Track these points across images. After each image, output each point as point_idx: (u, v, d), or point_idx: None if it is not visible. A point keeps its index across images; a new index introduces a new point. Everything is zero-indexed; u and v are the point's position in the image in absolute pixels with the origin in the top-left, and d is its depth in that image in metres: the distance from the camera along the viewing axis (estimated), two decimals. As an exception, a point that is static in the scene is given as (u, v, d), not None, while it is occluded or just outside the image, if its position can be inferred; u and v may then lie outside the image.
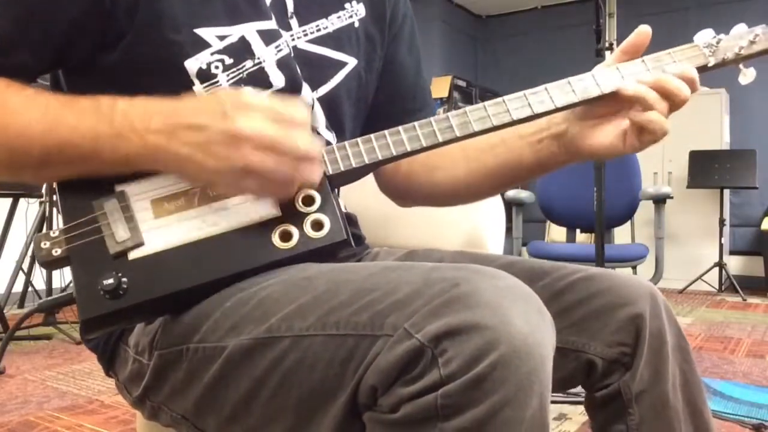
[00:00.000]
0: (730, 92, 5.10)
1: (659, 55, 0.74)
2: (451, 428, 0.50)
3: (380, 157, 0.69)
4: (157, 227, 0.64)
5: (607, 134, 0.74)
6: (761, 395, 2.17)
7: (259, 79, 0.73)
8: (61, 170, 0.65)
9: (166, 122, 0.62)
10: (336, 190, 0.86)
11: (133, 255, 0.63)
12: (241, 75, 0.72)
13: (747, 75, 0.76)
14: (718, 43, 0.75)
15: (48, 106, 0.64)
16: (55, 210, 3.07)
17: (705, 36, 0.75)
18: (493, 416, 0.49)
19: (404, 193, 0.95)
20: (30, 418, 1.94)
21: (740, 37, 0.75)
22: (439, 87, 5.54)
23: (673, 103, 0.71)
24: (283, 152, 0.60)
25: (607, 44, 2.26)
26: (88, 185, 0.66)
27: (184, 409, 0.69)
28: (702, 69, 0.75)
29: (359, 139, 0.70)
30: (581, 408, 2.01)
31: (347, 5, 0.84)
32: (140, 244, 0.64)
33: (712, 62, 0.74)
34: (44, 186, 3.06)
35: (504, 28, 6.56)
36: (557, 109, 0.72)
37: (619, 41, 0.77)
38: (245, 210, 0.65)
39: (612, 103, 0.74)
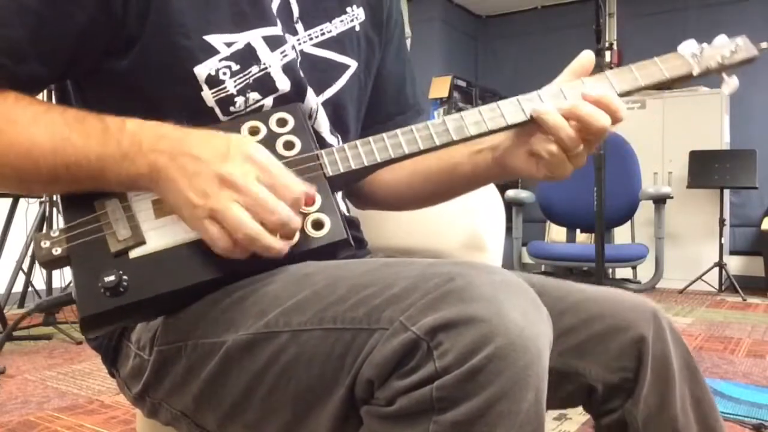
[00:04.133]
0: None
1: (645, 64, 0.75)
2: (446, 421, 0.50)
3: (378, 160, 0.70)
4: (158, 227, 0.65)
5: (524, 157, 0.74)
6: (761, 395, 2.17)
7: (265, 84, 0.73)
8: (69, 187, 0.66)
9: (172, 146, 0.62)
10: (337, 192, 0.86)
11: (134, 253, 0.63)
12: (247, 80, 0.73)
13: (729, 84, 0.78)
14: (701, 52, 0.77)
15: (56, 125, 0.65)
16: (55, 210, 3.07)
17: (689, 46, 0.77)
18: (488, 409, 0.49)
19: (358, 192, 0.96)
20: (30, 418, 1.94)
21: (722, 47, 0.77)
22: (439, 87, 5.54)
23: (588, 132, 0.68)
24: (262, 209, 0.60)
25: (607, 44, 2.26)
26: None
27: (183, 406, 0.69)
28: (687, 77, 0.76)
29: (357, 142, 0.70)
30: (581, 408, 2.01)
31: (348, 9, 0.85)
32: (141, 243, 0.64)
33: (696, 71, 0.76)
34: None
35: (504, 28, 6.56)
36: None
37: (619, 41, 0.78)
38: None
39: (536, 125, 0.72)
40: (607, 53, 2.23)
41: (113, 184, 0.64)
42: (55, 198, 3.06)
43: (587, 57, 0.75)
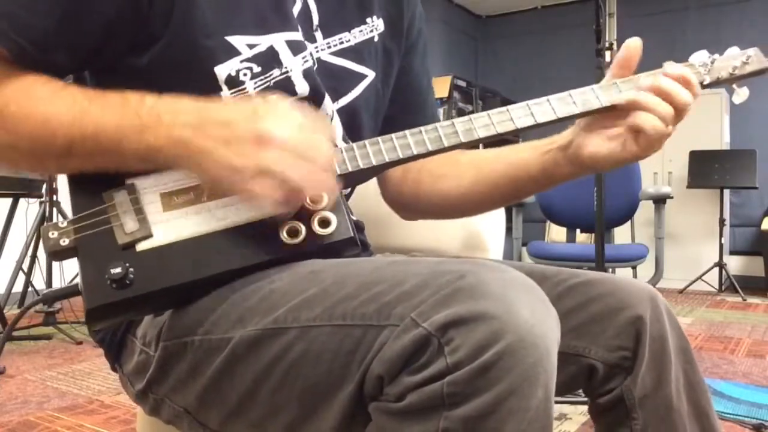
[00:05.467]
0: (730, 92, 5.10)
1: (656, 72, 0.75)
2: (456, 417, 0.50)
3: (387, 159, 0.70)
4: (166, 220, 0.65)
5: (605, 142, 0.75)
6: (761, 395, 2.17)
7: (284, 88, 0.74)
8: (83, 162, 0.66)
9: (196, 116, 0.62)
10: (344, 194, 0.87)
11: (141, 246, 0.63)
12: (268, 83, 0.73)
13: (740, 94, 0.80)
14: (712, 62, 0.77)
15: (74, 98, 0.65)
16: (55, 210, 3.07)
17: (700, 56, 0.78)
18: (498, 405, 0.50)
19: (411, 203, 0.95)
20: (30, 418, 1.94)
21: (734, 58, 0.78)
22: (439, 87, 5.53)
23: (673, 104, 0.72)
24: (303, 159, 0.61)
25: (607, 44, 2.26)
26: (98, 177, 0.66)
27: (186, 403, 0.69)
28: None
29: (367, 141, 0.71)
30: (581, 408, 2.01)
31: (368, 20, 0.85)
32: (149, 236, 0.64)
33: (707, 80, 0.77)
34: (44, 186, 3.06)
35: (504, 28, 6.56)
36: (558, 120, 0.74)
37: (619, 41, 0.78)
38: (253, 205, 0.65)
39: (616, 116, 0.75)
40: (607, 53, 2.23)
41: (129, 158, 0.64)
42: (55, 197, 3.06)
43: (634, 44, 0.75)
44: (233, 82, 0.71)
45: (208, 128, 0.62)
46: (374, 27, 0.86)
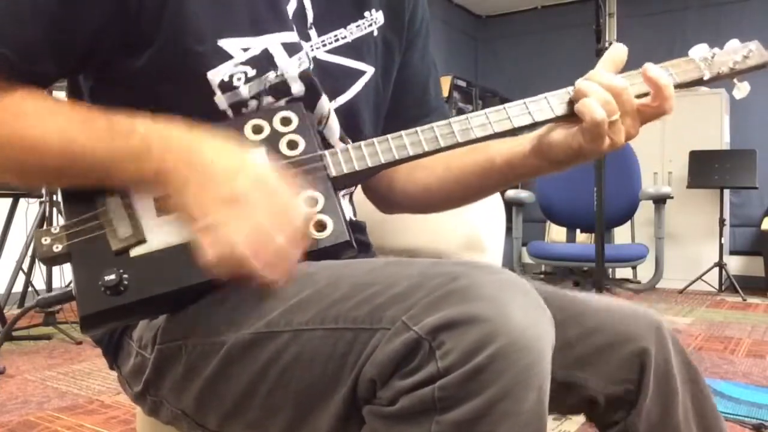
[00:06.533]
0: (731, 87, 5.10)
1: (634, 73, 0.74)
2: (448, 421, 0.50)
3: (383, 161, 0.70)
4: (160, 225, 0.64)
5: (563, 130, 0.73)
6: (761, 395, 2.17)
7: (280, 90, 0.73)
8: (73, 182, 0.66)
9: (181, 153, 0.62)
10: (345, 195, 0.86)
11: (135, 252, 0.63)
12: (262, 87, 0.72)
13: (741, 89, 0.78)
14: (713, 57, 0.76)
15: (66, 121, 0.64)
16: (55, 210, 3.07)
17: (700, 50, 0.77)
18: (490, 408, 0.49)
19: (386, 194, 0.94)
20: (30, 418, 1.94)
21: (734, 52, 0.77)
22: (439, 87, 5.53)
23: (612, 91, 0.69)
24: (253, 240, 0.59)
25: (607, 44, 2.27)
26: None
27: (184, 404, 0.69)
28: (698, 82, 0.76)
29: (362, 143, 0.70)
30: (581, 408, 2.01)
31: (366, 14, 0.83)
32: (142, 242, 0.63)
33: (707, 75, 0.75)
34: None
35: (504, 28, 6.56)
36: (556, 118, 0.72)
37: (619, 41, 0.78)
38: None
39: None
40: (607, 54, 2.22)
41: (118, 183, 0.64)
42: (55, 198, 3.06)
43: (620, 50, 0.74)
44: (226, 86, 0.70)
45: (189, 168, 0.61)
46: (373, 20, 0.84)
